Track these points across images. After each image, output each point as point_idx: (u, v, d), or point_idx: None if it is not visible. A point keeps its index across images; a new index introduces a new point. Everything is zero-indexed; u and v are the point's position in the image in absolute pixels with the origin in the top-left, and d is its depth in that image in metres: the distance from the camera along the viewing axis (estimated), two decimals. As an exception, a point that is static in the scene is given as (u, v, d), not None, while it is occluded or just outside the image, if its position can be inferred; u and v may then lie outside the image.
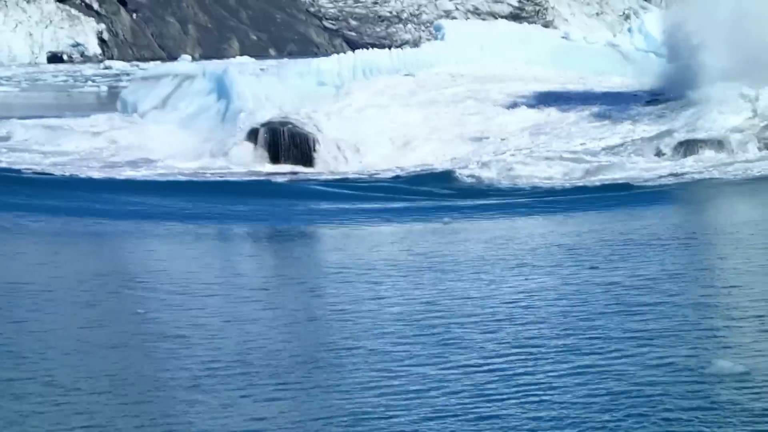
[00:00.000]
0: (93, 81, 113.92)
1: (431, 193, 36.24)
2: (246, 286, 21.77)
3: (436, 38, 58.09)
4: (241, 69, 49.55)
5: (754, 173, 35.54)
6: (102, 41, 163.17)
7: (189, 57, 51.01)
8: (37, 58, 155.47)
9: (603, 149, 41.87)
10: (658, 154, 40.04)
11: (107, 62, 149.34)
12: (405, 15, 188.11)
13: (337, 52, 58.74)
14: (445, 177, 38.27)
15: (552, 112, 47.01)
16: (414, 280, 21.65)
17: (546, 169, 39.06)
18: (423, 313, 18.33)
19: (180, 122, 46.58)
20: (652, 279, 20.37)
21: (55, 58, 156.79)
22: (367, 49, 58.35)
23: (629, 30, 64.63)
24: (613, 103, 47.71)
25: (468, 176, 38.14)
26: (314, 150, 42.56)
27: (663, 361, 14.92)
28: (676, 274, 20.95)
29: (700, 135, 40.49)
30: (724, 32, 41.78)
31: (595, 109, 47.10)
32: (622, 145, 41.99)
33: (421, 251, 25.36)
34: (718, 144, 39.64)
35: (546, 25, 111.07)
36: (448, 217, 29.61)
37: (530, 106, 48.11)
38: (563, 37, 61.24)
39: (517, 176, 38.11)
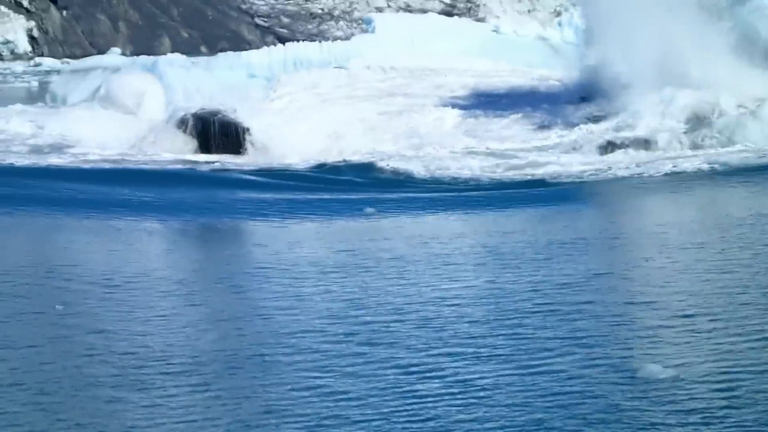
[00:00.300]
0: (23, 78, 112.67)
1: (353, 183, 36.28)
2: (166, 282, 21.39)
3: (366, 32, 57.84)
4: (171, 63, 48.95)
5: (675, 170, 35.78)
6: (32, 38, 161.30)
7: (118, 50, 50.06)
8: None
9: (529, 147, 42.07)
10: (584, 151, 40.35)
11: (37, 59, 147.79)
12: (337, 12, 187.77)
13: (269, 50, 58.34)
14: (367, 168, 38.30)
15: (482, 109, 47.11)
16: (336, 276, 21.41)
17: (469, 163, 39.17)
18: (348, 311, 18.17)
19: (108, 112, 46.13)
20: (571, 277, 20.25)
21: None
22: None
23: (559, 24, 64.80)
24: (544, 101, 47.77)
25: (389, 168, 38.20)
26: (244, 140, 42.43)
27: (595, 362, 14.86)
28: (596, 273, 20.90)
29: (627, 134, 40.92)
30: (651, 72, 42.19)
31: (525, 106, 47.20)
32: (550, 143, 42.28)
33: (342, 247, 25.33)
34: (645, 143, 40.13)
35: (477, 21, 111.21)
36: (370, 208, 29.60)
37: (460, 104, 48.15)
38: (494, 31, 61.29)
39: (438, 169, 38.18)
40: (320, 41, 56.20)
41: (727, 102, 41.23)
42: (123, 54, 53.13)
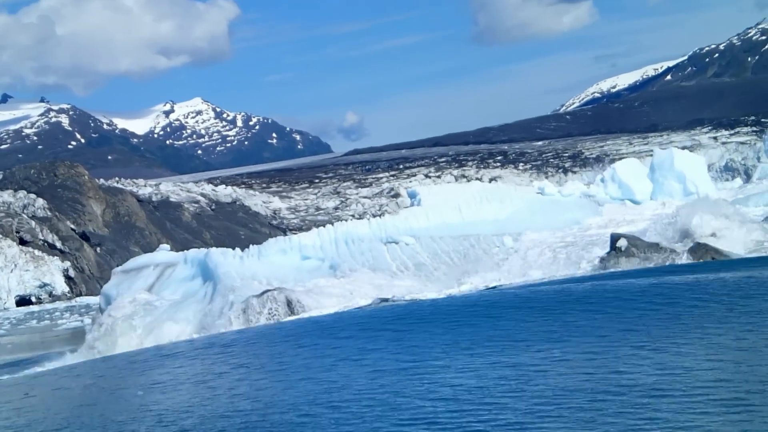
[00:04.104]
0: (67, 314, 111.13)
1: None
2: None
3: (412, 204, 57.45)
4: (223, 253, 48.29)
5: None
6: (68, 278, 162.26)
7: (167, 246, 49.51)
8: (5, 303, 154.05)
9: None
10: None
11: (77, 299, 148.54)
12: (368, 216, 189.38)
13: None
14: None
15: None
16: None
17: None
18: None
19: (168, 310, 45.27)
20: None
21: (23, 301, 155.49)
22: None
23: (602, 180, 64.72)
24: None
25: None
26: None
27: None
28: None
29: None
30: None
31: None
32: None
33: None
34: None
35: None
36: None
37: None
38: (538, 192, 61.12)
39: None
40: (368, 218, 55.39)
41: None
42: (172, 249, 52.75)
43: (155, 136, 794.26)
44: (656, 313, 24.17)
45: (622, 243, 44.12)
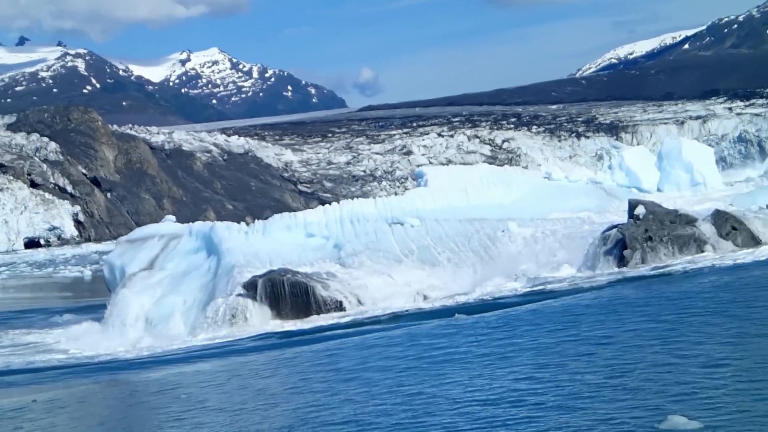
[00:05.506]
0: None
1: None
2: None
3: (418, 185, 57.47)
4: (228, 228, 48.59)
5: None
6: (78, 223, 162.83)
7: (173, 218, 49.88)
8: (14, 244, 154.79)
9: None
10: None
11: (85, 245, 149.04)
12: (379, 173, 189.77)
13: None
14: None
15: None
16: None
17: None
18: None
19: (169, 283, 45.68)
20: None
21: (32, 243, 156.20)
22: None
23: (610, 167, 64.91)
24: None
25: None
26: (315, 299, 42.02)
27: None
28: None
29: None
30: None
31: None
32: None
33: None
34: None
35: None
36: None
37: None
38: (545, 177, 61.18)
39: None
40: (373, 198, 55.42)
41: None
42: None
43: (171, 84, 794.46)
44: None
45: (640, 210, 44.27)
